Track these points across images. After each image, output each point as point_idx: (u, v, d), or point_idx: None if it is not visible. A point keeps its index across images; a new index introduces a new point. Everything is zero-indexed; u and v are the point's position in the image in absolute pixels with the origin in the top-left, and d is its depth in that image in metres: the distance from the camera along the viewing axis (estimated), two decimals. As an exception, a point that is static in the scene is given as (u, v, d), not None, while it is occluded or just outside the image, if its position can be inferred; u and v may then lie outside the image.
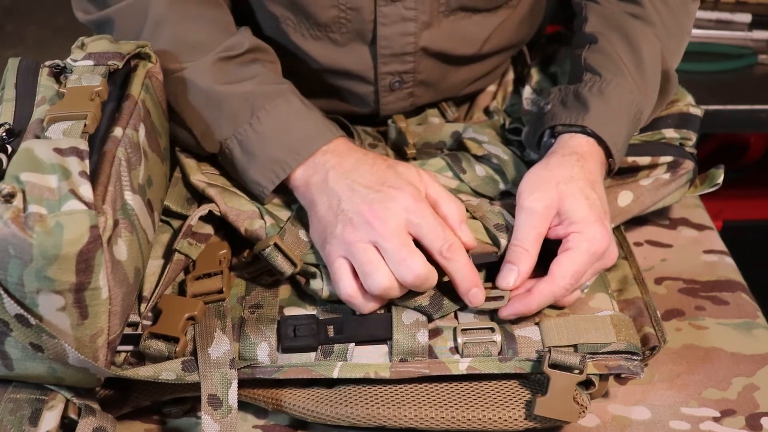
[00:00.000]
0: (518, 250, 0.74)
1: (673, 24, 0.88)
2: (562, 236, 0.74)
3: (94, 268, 0.60)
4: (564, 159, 0.78)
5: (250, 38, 0.83)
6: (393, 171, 0.75)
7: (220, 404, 0.68)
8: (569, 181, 0.75)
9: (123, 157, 0.67)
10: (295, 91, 0.81)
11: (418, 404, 0.70)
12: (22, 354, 0.63)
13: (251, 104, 0.79)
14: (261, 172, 0.78)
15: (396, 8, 0.86)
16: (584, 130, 0.80)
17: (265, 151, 0.78)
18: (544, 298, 0.73)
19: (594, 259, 0.73)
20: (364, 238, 0.71)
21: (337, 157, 0.77)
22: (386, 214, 0.71)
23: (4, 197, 0.58)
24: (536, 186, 0.76)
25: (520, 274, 0.74)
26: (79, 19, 0.87)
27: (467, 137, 0.92)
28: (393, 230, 0.71)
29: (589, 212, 0.74)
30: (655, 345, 0.74)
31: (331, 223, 0.74)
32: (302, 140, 0.78)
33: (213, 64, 0.80)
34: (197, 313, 0.73)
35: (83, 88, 0.70)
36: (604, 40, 0.86)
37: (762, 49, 1.37)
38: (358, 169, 0.75)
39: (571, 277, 0.72)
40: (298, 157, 0.77)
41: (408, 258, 0.70)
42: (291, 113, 0.79)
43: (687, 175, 0.88)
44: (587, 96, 0.82)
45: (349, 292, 0.72)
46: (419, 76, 0.91)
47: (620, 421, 0.73)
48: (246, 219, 0.78)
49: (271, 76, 0.82)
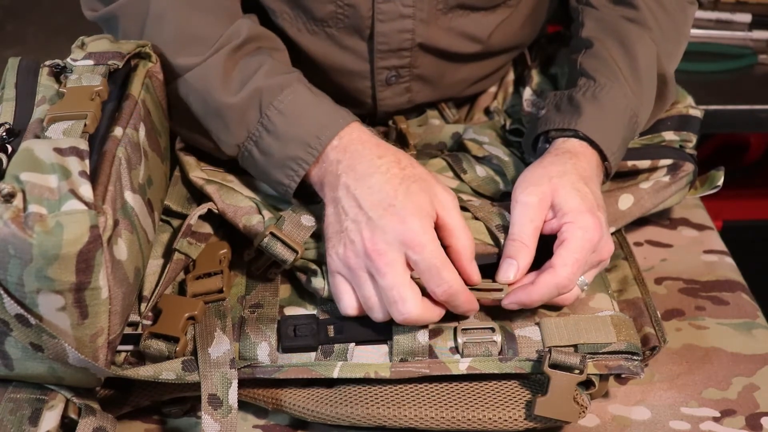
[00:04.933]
0: (516, 244, 0.74)
1: (669, 27, 0.88)
2: (557, 229, 0.75)
3: (94, 268, 0.60)
4: (557, 158, 0.79)
5: (251, 25, 0.81)
6: (404, 189, 0.72)
7: (220, 404, 0.68)
8: (562, 175, 0.76)
9: (123, 156, 0.67)
10: (301, 79, 0.79)
11: (418, 404, 0.70)
12: (23, 354, 0.63)
13: (258, 102, 0.77)
14: (281, 171, 0.77)
15: (394, 5, 0.85)
16: (576, 133, 0.81)
17: (279, 149, 0.76)
18: (546, 289, 0.72)
19: (590, 247, 0.73)
20: (362, 266, 0.71)
21: (350, 158, 0.74)
22: (384, 248, 0.70)
23: (4, 197, 0.58)
24: (530, 181, 0.76)
25: (520, 268, 0.74)
26: (87, 17, 0.86)
27: (468, 138, 0.92)
28: (389, 264, 0.70)
29: (580, 202, 0.74)
30: (656, 345, 0.74)
31: (336, 233, 0.73)
32: (314, 131, 0.75)
33: (219, 65, 0.77)
34: (197, 313, 0.73)
35: (83, 88, 0.70)
36: (599, 44, 0.86)
37: (762, 49, 1.37)
38: (369, 180, 0.73)
39: (572, 266, 0.72)
40: (312, 151, 0.75)
41: (399, 302, 0.69)
42: (297, 106, 0.77)
43: (687, 178, 0.89)
44: (581, 100, 0.82)
45: (350, 311, 0.73)
46: (416, 70, 0.91)
47: (620, 421, 0.73)
48: (244, 215, 0.78)
49: (276, 65, 0.79)
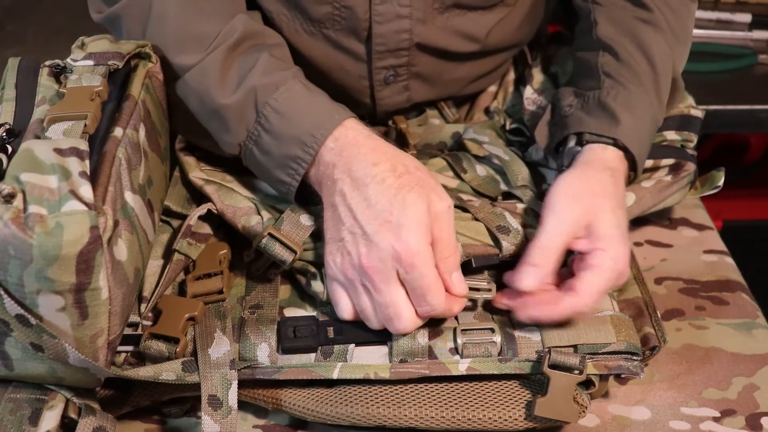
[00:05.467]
0: (544, 254, 0.74)
1: (679, 28, 0.88)
2: (585, 251, 0.74)
3: (94, 269, 0.60)
4: (600, 174, 0.78)
5: (245, 22, 0.80)
6: (400, 201, 0.71)
7: (220, 405, 0.68)
8: (603, 195, 0.76)
9: (123, 157, 0.67)
10: (297, 75, 0.79)
11: (418, 404, 0.70)
12: (23, 354, 0.63)
13: (254, 101, 0.77)
14: (282, 170, 0.76)
15: (391, 6, 0.85)
16: (616, 143, 0.80)
17: (278, 148, 0.76)
18: (566, 312, 0.73)
19: (615, 277, 0.74)
20: (358, 279, 0.72)
21: (345, 163, 0.74)
22: (380, 265, 0.70)
23: (5, 198, 0.58)
24: (573, 195, 0.76)
25: (540, 278, 0.74)
26: (94, 20, 0.86)
27: (468, 138, 0.92)
28: (385, 281, 0.70)
29: (617, 231, 0.74)
30: (655, 345, 0.74)
31: (334, 240, 0.73)
32: (309, 129, 0.75)
33: (216, 65, 0.77)
34: (197, 314, 0.73)
35: (83, 89, 0.70)
36: (618, 47, 0.85)
37: (762, 49, 1.37)
38: (365, 191, 0.72)
39: (597, 293, 0.73)
40: (308, 149, 0.75)
41: (395, 318, 0.71)
42: (291, 103, 0.76)
43: (688, 177, 0.88)
44: (613, 106, 0.82)
45: (347, 316, 0.74)
46: (413, 69, 0.91)
47: (620, 421, 0.73)
48: (243, 216, 0.78)
49: (272, 62, 0.79)
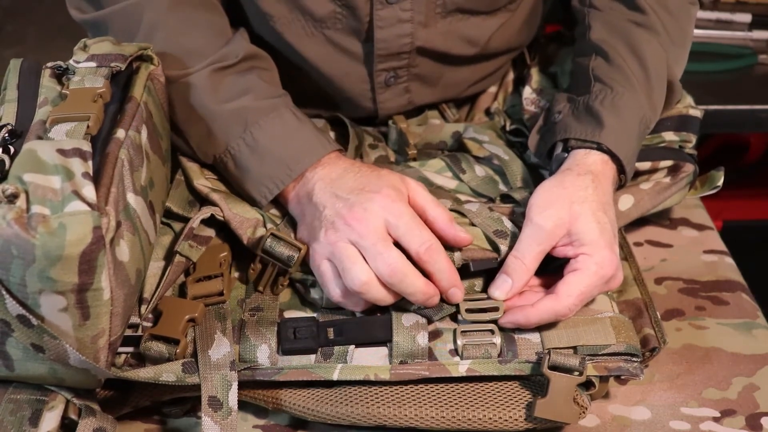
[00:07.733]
0: (517, 264, 0.75)
1: (676, 31, 0.88)
2: (571, 256, 0.75)
3: (97, 269, 0.60)
4: (579, 178, 0.78)
5: (246, 45, 0.83)
6: (375, 175, 0.76)
7: (221, 406, 0.68)
8: (583, 201, 0.75)
9: (125, 158, 0.67)
10: (288, 104, 0.82)
11: (418, 403, 0.70)
12: (24, 355, 0.63)
13: (244, 120, 0.79)
14: (255, 188, 0.79)
15: (393, 10, 0.86)
16: (600, 146, 0.80)
17: (258, 167, 0.79)
18: (545, 314, 0.73)
19: (601, 282, 0.74)
20: (344, 238, 0.72)
21: (325, 169, 0.78)
22: (365, 215, 0.72)
23: (8, 198, 0.58)
24: (549, 203, 0.75)
25: (513, 287, 0.74)
26: (73, 17, 0.86)
27: (468, 137, 0.92)
28: (371, 229, 0.72)
29: (599, 236, 0.74)
30: (655, 346, 0.74)
31: (316, 228, 0.75)
32: (294, 156, 0.78)
33: (208, 77, 0.80)
34: (198, 315, 0.73)
35: (86, 90, 0.70)
36: (611, 50, 0.85)
37: (762, 49, 1.37)
38: (343, 177, 0.76)
39: (576, 298, 0.73)
40: (290, 173, 0.78)
41: (384, 251, 0.71)
42: (283, 129, 0.79)
43: (687, 178, 0.88)
44: (599, 110, 0.81)
45: (338, 292, 0.73)
46: (414, 70, 0.91)
47: (620, 421, 0.73)
48: (249, 227, 0.78)
49: (266, 88, 0.82)
